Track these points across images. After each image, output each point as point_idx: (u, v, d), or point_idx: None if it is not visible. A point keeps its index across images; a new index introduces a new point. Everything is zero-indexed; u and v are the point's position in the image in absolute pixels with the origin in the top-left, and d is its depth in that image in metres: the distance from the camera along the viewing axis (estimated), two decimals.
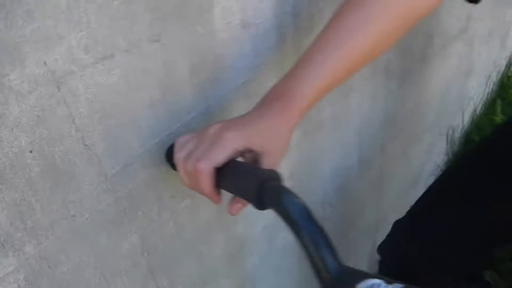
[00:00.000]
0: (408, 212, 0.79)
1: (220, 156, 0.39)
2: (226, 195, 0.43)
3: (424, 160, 1.38)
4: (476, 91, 1.66)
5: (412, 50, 1.00)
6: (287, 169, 0.71)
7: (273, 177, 0.37)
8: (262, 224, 0.70)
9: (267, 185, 0.36)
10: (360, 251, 1.16)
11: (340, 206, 0.93)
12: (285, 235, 0.77)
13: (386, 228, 0.80)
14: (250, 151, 0.40)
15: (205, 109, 0.52)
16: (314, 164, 0.78)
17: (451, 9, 1.12)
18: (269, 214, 0.71)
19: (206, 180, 0.39)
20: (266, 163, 0.40)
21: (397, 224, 0.79)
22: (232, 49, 0.52)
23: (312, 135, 0.73)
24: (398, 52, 0.93)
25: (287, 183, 0.73)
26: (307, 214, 0.34)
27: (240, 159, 0.42)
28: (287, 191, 0.35)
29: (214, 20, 0.49)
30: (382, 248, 0.80)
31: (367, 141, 0.94)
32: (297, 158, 0.72)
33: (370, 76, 0.85)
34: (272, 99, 0.44)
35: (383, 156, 1.05)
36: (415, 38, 1.00)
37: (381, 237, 0.81)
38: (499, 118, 1.76)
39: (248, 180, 0.37)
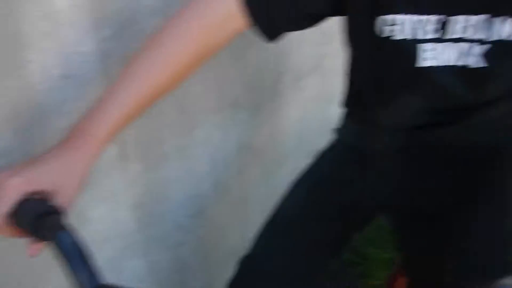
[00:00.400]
0: (253, 247, 0.79)
1: (4, 207, 0.43)
2: None
3: (289, 183, 1.52)
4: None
5: (262, 87, 1.13)
6: (131, 201, 0.77)
7: (50, 212, 0.43)
8: (103, 256, 0.74)
9: (42, 221, 0.42)
10: (226, 274, 1.23)
11: (198, 231, 1.01)
12: (134, 264, 0.82)
13: None
14: (39, 192, 0.46)
15: (30, 149, 0.57)
16: (162, 194, 0.84)
17: (300, 49, 1.29)
18: (112, 245, 0.76)
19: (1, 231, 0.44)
20: (59, 200, 0.46)
21: (243, 261, 0.78)
22: (54, 97, 0.58)
23: (155, 168, 0.81)
24: (246, 89, 1.05)
25: (134, 214, 0.79)
26: (73, 246, 0.41)
27: None
28: (59, 227, 0.42)
29: (31, 75, 0.54)
30: None
31: (221, 168, 1.04)
32: (141, 190, 0.78)
33: (217, 111, 0.95)
34: (69, 137, 0.50)
35: (241, 181, 1.16)
36: (264, 76, 1.13)
37: None
38: None
39: (28, 218, 0.42)
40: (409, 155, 0.75)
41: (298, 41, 1.26)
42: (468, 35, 0.58)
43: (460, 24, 0.58)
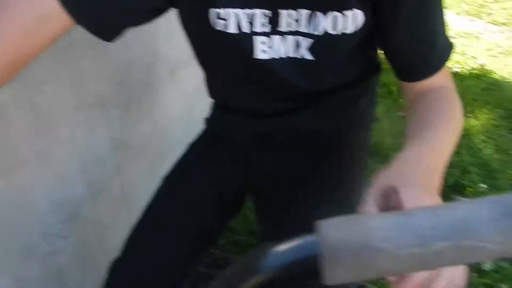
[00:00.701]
0: (124, 248, 0.76)
1: None
2: None
3: None
4: None
5: (131, 81, 1.11)
6: None
7: None
8: None
9: None
10: None
11: (75, 236, 0.97)
12: (9, 278, 0.77)
13: None
14: None
15: None
16: (21, 203, 0.79)
17: (170, 40, 1.28)
18: None
19: None
20: None
21: (113, 265, 0.75)
22: None
23: (9, 176, 0.75)
24: (112, 84, 1.02)
25: None
26: None
27: None
28: None
29: None
30: None
31: (94, 168, 1.00)
32: None
33: (79, 109, 0.91)
34: None
35: (122, 179, 1.13)
36: (132, 70, 1.11)
37: None
38: None
39: None
40: (265, 140, 0.78)
41: (166, 31, 1.25)
42: (297, 28, 0.61)
43: (288, 18, 0.60)
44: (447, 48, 0.64)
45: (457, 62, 2.92)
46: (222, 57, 0.68)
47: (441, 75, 0.63)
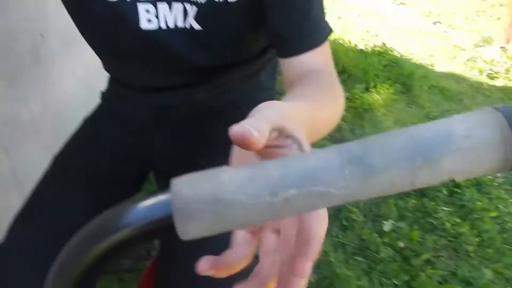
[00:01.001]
0: (5, 236, 0.68)
1: None
2: None
3: None
4: None
5: (15, 52, 1.00)
6: None
7: None
8: None
9: None
10: None
11: None
12: None
13: None
14: None
15: None
16: None
17: (62, 11, 1.17)
18: None
19: None
20: None
21: None
22: None
23: None
24: None
25: None
26: None
27: None
28: None
29: None
30: None
31: None
32: None
33: None
34: None
35: (10, 160, 1.03)
36: (16, 40, 1.00)
37: None
38: None
39: None
40: (160, 115, 0.75)
41: (55, 3, 1.14)
42: None
43: None
44: (324, 27, 0.61)
45: (362, 40, 3.08)
46: (104, 29, 0.63)
47: (321, 58, 0.60)
